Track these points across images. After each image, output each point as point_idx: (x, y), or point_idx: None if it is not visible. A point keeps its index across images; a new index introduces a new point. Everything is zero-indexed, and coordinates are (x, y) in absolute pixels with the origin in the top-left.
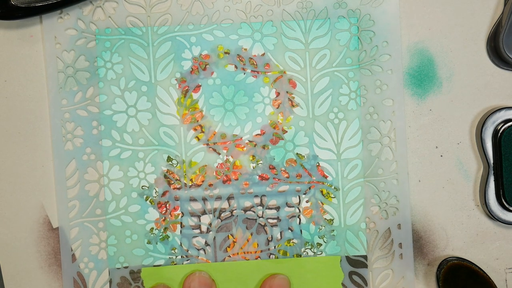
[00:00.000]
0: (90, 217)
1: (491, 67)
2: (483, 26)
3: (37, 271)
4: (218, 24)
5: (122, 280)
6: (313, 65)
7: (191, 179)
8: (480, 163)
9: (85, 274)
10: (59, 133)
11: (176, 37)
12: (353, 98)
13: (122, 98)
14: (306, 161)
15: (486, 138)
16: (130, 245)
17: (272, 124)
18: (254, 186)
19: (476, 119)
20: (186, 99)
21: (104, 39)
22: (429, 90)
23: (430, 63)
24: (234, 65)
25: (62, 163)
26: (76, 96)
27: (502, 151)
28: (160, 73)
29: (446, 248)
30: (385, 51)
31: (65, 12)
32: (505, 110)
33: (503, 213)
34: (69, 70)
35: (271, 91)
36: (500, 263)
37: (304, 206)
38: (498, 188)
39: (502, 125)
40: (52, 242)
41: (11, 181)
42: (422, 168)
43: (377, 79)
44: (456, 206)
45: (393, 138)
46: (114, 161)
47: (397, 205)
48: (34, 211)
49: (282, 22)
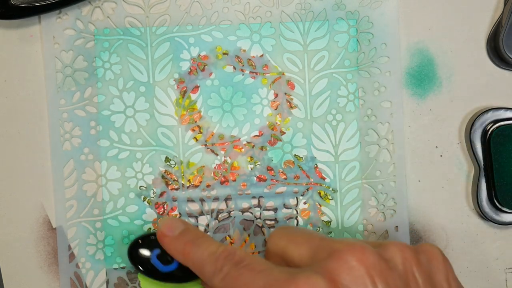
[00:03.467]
0: (87, 217)
1: (491, 67)
2: (483, 26)
3: (36, 271)
4: (216, 25)
5: (119, 280)
6: (311, 66)
7: (189, 180)
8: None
9: (82, 274)
10: (57, 133)
11: (175, 37)
12: (351, 100)
13: (120, 99)
14: (304, 162)
15: (475, 140)
16: (127, 245)
17: (270, 126)
18: (251, 187)
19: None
20: (184, 99)
21: (103, 40)
22: (429, 90)
23: (430, 63)
24: (233, 66)
25: (60, 163)
26: (74, 96)
27: (492, 152)
28: (158, 73)
29: (446, 248)
30: (383, 53)
31: (64, 12)
32: (493, 111)
33: (496, 214)
34: (68, 70)
35: (270, 92)
36: (500, 263)
37: (301, 207)
38: (490, 190)
39: (491, 126)
40: (52, 242)
41: (11, 181)
42: (422, 168)
43: (376, 81)
44: (456, 206)
45: (391, 140)
46: (112, 162)
47: (394, 207)
48: (34, 211)
49: (281, 24)
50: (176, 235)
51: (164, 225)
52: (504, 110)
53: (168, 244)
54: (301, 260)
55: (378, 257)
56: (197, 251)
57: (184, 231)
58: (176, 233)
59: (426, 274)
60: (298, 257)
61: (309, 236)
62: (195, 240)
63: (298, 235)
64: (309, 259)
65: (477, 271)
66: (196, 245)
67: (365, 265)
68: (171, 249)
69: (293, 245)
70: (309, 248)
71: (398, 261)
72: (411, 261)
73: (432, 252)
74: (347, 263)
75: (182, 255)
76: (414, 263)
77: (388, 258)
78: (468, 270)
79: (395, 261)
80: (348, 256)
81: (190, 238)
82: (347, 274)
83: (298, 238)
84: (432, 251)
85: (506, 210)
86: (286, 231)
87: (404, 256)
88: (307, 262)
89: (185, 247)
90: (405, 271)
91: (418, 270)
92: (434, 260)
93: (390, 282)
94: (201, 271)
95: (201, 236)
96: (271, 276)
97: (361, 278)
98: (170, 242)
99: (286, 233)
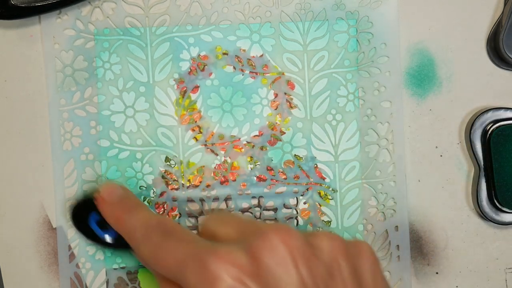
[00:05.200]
0: None
1: (491, 67)
2: (483, 26)
3: (37, 271)
4: (216, 25)
5: (119, 280)
6: (311, 66)
7: (189, 180)
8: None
9: (82, 274)
10: (57, 133)
11: (175, 38)
12: (351, 100)
13: (120, 99)
14: (304, 162)
15: (475, 140)
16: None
17: (270, 126)
18: (251, 187)
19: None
20: (184, 100)
21: (103, 40)
22: (429, 90)
23: (430, 63)
24: (233, 66)
25: (60, 163)
26: (74, 96)
27: (492, 152)
28: (158, 73)
29: (446, 248)
30: (383, 52)
31: (64, 12)
32: (493, 111)
33: (496, 214)
34: (68, 70)
35: (269, 92)
36: (500, 263)
37: (301, 207)
38: (490, 190)
39: (491, 126)
40: (52, 242)
41: (11, 181)
42: (422, 168)
43: (375, 81)
44: (456, 206)
45: (391, 140)
46: (112, 161)
47: (394, 207)
48: (34, 211)
49: (281, 24)
50: (114, 201)
51: (104, 190)
52: (504, 110)
53: (105, 209)
54: (227, 239)
55: (304, 242)
56: (131, 218)
57: (124, 199)
58: (115, 200)
59: (352, 267)
60: (225, 236)
61: (238, 219)
62: (132, 208)
63: (228, 218)
64: (236, 238)
65: (477, 271)
66: (131, 213)
67: (289, 246)
68: (107, 214)
69: (222, 227)
70: (237, 229)
71: (325, 249)
72: (339, 251)
73: (362, 247)
74: (271, 242)
75: (117, 221)
76: (342, 254)
77: (315, 245)
78: (468, 270)
79: (322, 248)
80: (273, 236)
81: (128, 206)
82: (269, 252)
83: (227, 220)
84: (362, 246)
85: (506, 210)
86: (218, 215)
87: (332, 245)
88: (233, 241)
89: (121, 214)
90: (330, 260)
91: (344, 262)
92: (363, 255)
93: (313, 268)
94: (131, 238)
95: (139, 205)
96: (195, 246)
97: (283, 259)
98: (107, 207)
99: (217, 217)
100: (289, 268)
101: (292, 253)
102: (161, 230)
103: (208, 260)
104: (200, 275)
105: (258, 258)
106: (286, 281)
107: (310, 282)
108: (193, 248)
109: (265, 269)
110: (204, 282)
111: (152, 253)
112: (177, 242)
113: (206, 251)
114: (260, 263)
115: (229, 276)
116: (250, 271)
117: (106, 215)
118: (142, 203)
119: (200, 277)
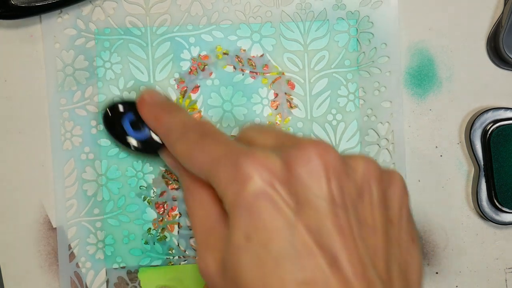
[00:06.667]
0: (87, 217)
1: (491, 67)
2: (483, 26)
3: (37, 270)
4: (217, 25)
5: (119, 280)
6: (311, 66)
7: None
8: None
9: (82, 274)
10: (57, 132)
11: (175, 37)
12: (352, 100)
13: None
14: None
15: (475, 140)
16: (127, 245)
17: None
18: None
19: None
20: (184, 99)
21: (103, 39)
22: (429, 90)
23: (430, 63)
24: (233, 66)
25: (60, 162)
26: (75, 96)
27: (492, 152)
28: (159, 73)
29: (446, 248)
30: (383, 53)
31: (65, 12)
32: (493, 111)
33: (496, 214)
34: (68, 69)
35: (270, 92)
36: (500, 263)
37: None
38: (490, 190)
39: (490, 126)
40: (52, 242)
41: (11, 181)
42: (422, 168)
43: (376, 81)
44: (456, 205)
45: (391, 140)
46: (113, 161)
47: None
48: (34, 211)
49: (281, 23)
50: (155, 102)
51: (146, 92)
52: (504, 110)
53: (145, 109)
54: (265, 146)
55: (340, 160)
56: (169, 117)
57: (164, 101)
58: (156, 101)
59: (382, 193)
60: (263, 143)
61: (279, 130)
62: (172, 109)
63: (268, 128)
64: (273, 147)
65: (477, 271)
66: (171, 113)
67: (324, 161)
68: (146, 114)
69: (261, 135)
70: (276, 139)
71: (359, 170)
72: (373, 175)
73: (395, 176)
74: (308, 153)
75: (155, 119)
76: (375, 178)
77: (350, 165)
78: (468, 270)
79: (356, 169)
80: (311, 148)
81: (168, 107)
82: (304, 163)
83: (267, 129)
84: (396, 176)
85: (506, 210)
86: (258, 125)
87: (366, 168)
88: (270, 149)
89: (160, 113)
90: (362, 181)
91: (376, 186)
92: (396, 184)
93: (344, 186)
94: (168, 137)
95: (179, 108)
96: (233, 147)
97: (316, 172)
98: (147, 107)
99: (257, 126)
100: (321, 181)
101: (326, 168)
102: (199, 130)
103: (242, 159)
104: (232, 173)
105: (292, 166)
106: (315, 193)
107: (338, 198)
108: (229, 148)
109: (296, 178)
110: (235, 180)
111: (188, 151)
112: (213, 141)
113: (242, 151)
114: (293, 171)
115: (260, 178)
116: (281, 177)
117: (144, 115)
118: (181, 107)
119: (231, 176)
